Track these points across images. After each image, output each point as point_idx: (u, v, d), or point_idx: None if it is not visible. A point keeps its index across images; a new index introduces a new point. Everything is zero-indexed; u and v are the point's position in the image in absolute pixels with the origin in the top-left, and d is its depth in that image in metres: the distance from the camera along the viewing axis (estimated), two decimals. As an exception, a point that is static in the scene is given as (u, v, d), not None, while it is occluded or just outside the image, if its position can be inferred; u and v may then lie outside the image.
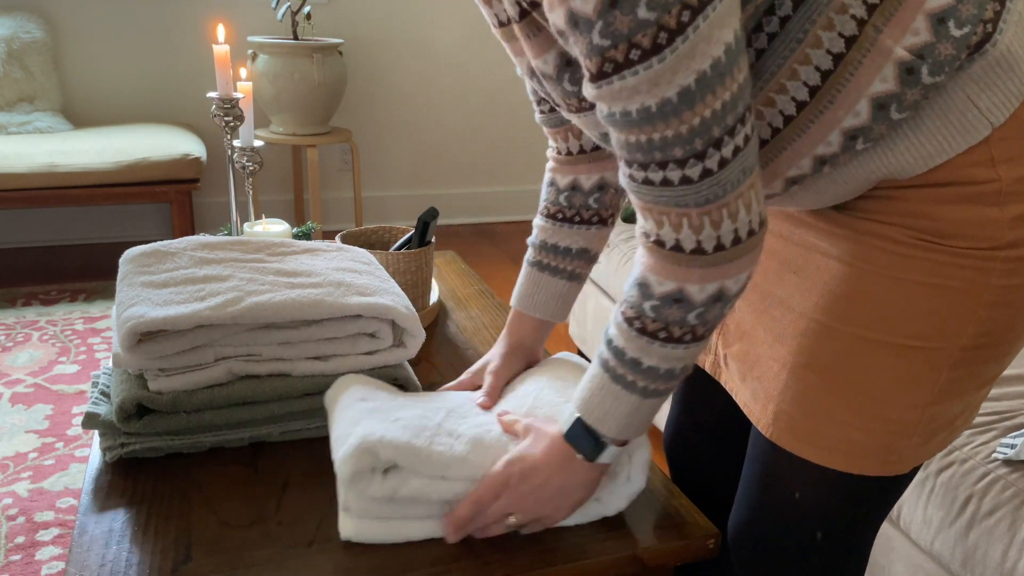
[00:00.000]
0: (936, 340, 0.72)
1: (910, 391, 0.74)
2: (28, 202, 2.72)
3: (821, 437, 0.78)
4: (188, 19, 3.32)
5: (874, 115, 0.66)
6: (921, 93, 0.65)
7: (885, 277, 0.72)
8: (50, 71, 3.10)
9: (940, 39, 0.63)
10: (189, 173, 2.84)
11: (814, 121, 0.68)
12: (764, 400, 0.82)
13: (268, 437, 0.96)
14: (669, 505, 0.88)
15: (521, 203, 3.97)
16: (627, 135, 0.63)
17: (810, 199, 0.76)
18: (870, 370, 0.74)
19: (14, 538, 1.60)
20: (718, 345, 0.92)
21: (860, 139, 0.68)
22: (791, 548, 0.84)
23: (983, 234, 0.69)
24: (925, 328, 0.72)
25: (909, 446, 0.76)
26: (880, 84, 0.65)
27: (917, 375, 0.73)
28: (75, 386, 2.20)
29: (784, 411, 0.79)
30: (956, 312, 0.71)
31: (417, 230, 1.31)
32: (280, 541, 0.80)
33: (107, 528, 0.81)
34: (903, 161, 0.69)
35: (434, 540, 0.80)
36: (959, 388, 0.75)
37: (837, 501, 0.81)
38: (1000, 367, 0.77)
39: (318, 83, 3.09)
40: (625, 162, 0.66)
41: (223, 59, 1.52)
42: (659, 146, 0.62)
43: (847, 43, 0.64)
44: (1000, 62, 0.66)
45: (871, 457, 0.77)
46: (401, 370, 1.01)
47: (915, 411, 0.75)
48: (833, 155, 0.69)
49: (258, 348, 0.96)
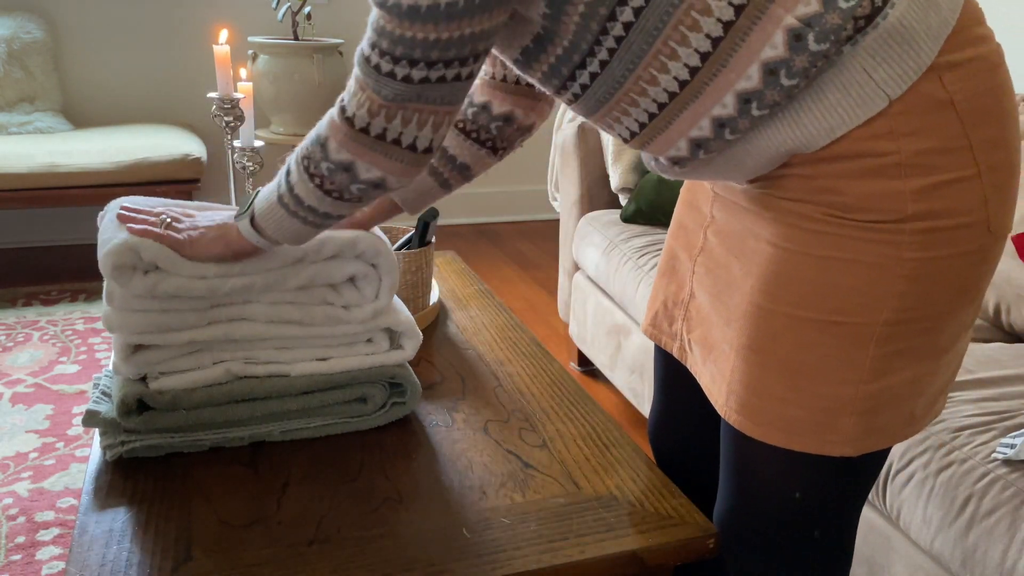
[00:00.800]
0: (858, 315, 0.74)
1: (840, 367, 0.76)
2: (28, 202, 2.72)
3: (763, 414, 0.80)
4: (189, 19, 3.32)
5: (765, 80, 0.69)
6: (809, 60, 0.68)
7: (806, 256, 0.75)
8: (50, 71, 3.10)
9: (828, 9, 0.66)
10: (189, 173, 2.84)
11: (708, 84, 0.71)
12: (720, 382, 0.85)
13: (268, 436, 0.96)
14: (669, 505, 0.88)
15: (521, 203, 3.97)
16: (387, 23, 0.71)
17: (730, 170, 0.78)
18: (801, 347, 0.77)
19: (14, 538, 1.61)
20: (683, 331, 0.95)
21: (755, 103, 0.70)
22: (770, 534, 0.86)
23: (887, 207, 0.71)
24: (846, 303, 0.74)
25: (848, 425, 0.78)
26: (770, 50, 0.68)
27: (845, 351, 0.75)
28: (75, 386, 2.20)
29: (734, 391, 0.82)
30: (873, 287, 0.73)
31: (417, 230, 1.31)
32: (280, 541, 0.80)
33: (107, 528, 0.81)
34: (807, 133, 0.71)
35: (434, 540, 0.80)
36: (893, 365, 0.76)
37: (802, 483, 0.83)
38: (935, 343, 0.78)
39: (318, 83, 3.09)
40: (369, 43, 0.74)
41: (223, 59, 1.52)
42: (407, 42, 0.70)
43: (736, 11, 0.68)
44: (893, 35, 0.68)
45: (809, 434, 0.79)
46: (401, 370, 1.02)
47: (847, 387, 0.77)
48: (731, 118, 0.72)
49: (255, 352, 0.96)
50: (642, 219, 2.17)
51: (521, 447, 0.98)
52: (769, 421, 0.80)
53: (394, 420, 1.02)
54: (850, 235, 0.72)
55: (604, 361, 2.18)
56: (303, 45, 3.06)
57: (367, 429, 1.01)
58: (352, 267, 0.97)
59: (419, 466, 0.94)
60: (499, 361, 1.20)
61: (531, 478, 0.92)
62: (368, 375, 0.99)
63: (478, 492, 0.89)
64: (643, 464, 0.96)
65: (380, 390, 1.00)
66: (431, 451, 0.97)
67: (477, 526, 0.84)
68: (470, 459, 0.95)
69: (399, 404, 1.02)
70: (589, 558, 0.79)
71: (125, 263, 0.88)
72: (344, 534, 0.81)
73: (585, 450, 0.98)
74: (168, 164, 2.80)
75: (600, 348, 2.19)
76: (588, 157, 2.32)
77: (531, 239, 3.70)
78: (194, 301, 0.92)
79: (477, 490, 0.89)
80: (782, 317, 0.77)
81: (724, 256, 0.86)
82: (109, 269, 0.88)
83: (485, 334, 1.30)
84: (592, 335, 2.24)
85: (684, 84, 0.72)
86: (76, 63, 3.25)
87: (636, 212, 2.16)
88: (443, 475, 0.92)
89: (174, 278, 0.89)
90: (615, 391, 2.32)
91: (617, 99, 0.76)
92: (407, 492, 0.89)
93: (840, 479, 0.83)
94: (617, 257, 2.06)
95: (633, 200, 2.17)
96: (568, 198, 2.41)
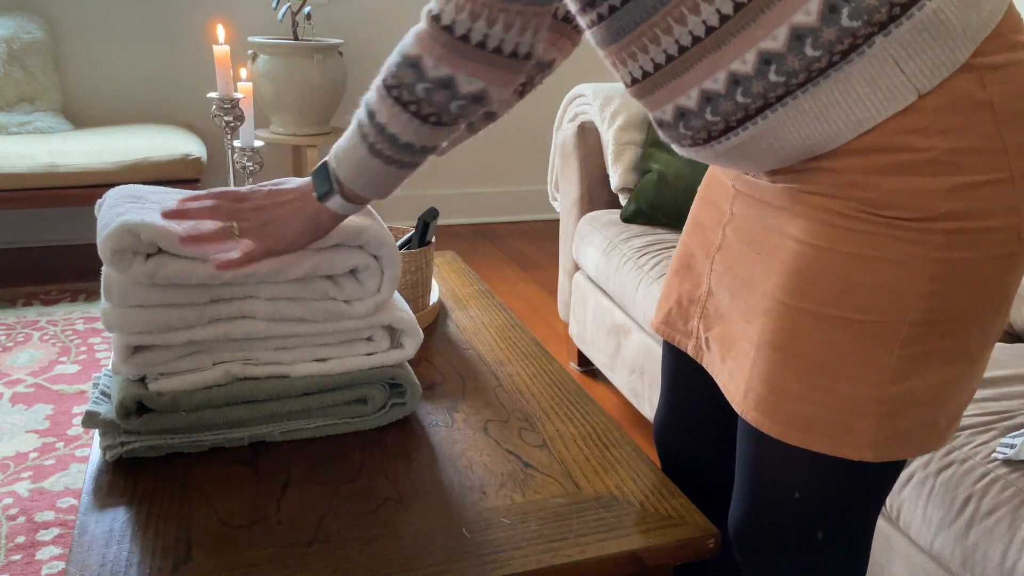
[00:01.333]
0: (882, 314, 0.73)
1: (862, 367, 0.75)
2: (28, 202, 2.72)
3: (781, 412, 0.79)
4: (188, 19, 3.32)
5: (790, 44, 0.69)
6: (837, 34, 0.67)
7: (832, 252, 0.74)
8: (50, 71, 3.10)
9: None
10: (189, 173, 2.84)
11: (734, 36, 0.71)
12: (738, 379, 0.84)
13: (268, 437, 0.96)
14: (668, 505, 0.88)
15: (521, 203, 3.97)
16: None
17: (757, 159, 0.77)
18: (823, 344, 0.76)
19: (14, 538, 1.61)
20: (699, 328, 0.94)
21: (773, 66, 0.70)
22: (784, 536, 0.85)
23: (917, 204, 0.70)
24: (870, 302, 0.73)
25: (866, 427, 0.76)
26: (803, 16, 0.67)
27: (867, 350, 0.74)
28: (75, 386, 2.20)
29: (753, 388, 0.81)
30: (899, 286, 0.72)
31: (417, 230, 1.31)
32: (280, 541, 0.80)
33: (107, 528, 0.81)
34: (835, 127, 0.71)
35: (434, 540, 0.80)
36: (917, 367, 0.75)
37: (817, 485, 0.82)
38: (961, 348, 0.76)
39: (318, 83, 3.09)
40: None
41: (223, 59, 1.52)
42: None
43: None
44: (928, 26, 0.67)
45: (826, 434, 0.78)
46: (401, 371, 1.02)
47: (868, 388, 0.75)
48: (747, 76, 0.71)
49: (255, 353, 0.96)
50: (642, 219, 2.17)
51: (521, 447, 0.98)
52: (787, 419, 0.79)
53: (394, 420, 1.02)
54: (879, 232, 0.71)
55: (604, 361, 2.18)
56: (303, 45, 3.06)
57: (367, 429, 1.01)
58: (354, 258, 0.97)
59: (419, 466, 0.94)
60: (499, 361, 1.20)
61: (531, 478, 0.92)
62: (368, 376, 0.99)
63: (478, 492, 0.89)
64: (643, 464, 0.96)
65: (380, 391, 1.00)
66: (431, 451, 0.97)
67: (477, 526, 0.84)
68: (470, 459, 0.95)
69: (399, 405, 1.02)
70: (589, 558, 0.79)
71: (125, 247, 0.87)
72: (344, 534, 0.81)
73: (585, 450, 0.98)
74: (168, 164, 2.80)
75: (600, 348, 2.19)
76: (588, 157, 2.32)
77: (531, 239, 3.70)
78: (194, 295, 0.91)
79: (477, 490, 0.89)
80: (805, 314, 0.76)
81: (744, 253, 0.85)
82: (109, 254, 0.87)
83: (485, 334, 1.30)
84: (592, 335, 2.24)
85: (710, 31, 0.71)
86: (76, 63, 3.25)
87: (636, 212, 2.16)
88: (443, 475, 0.92)
89: (175, 263, 0.89)
90: (615, 391, 2.32)
91: (641, 31, 0.75)
92: (407, 492, 0.89)
93: (856, 484, 0.81)
94: (617, 257, 2.06)
95: (633, 200, 2.17)
96: (568, 198, 2.41)
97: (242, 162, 1.58)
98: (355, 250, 0.96)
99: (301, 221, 0.91)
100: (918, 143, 0.69)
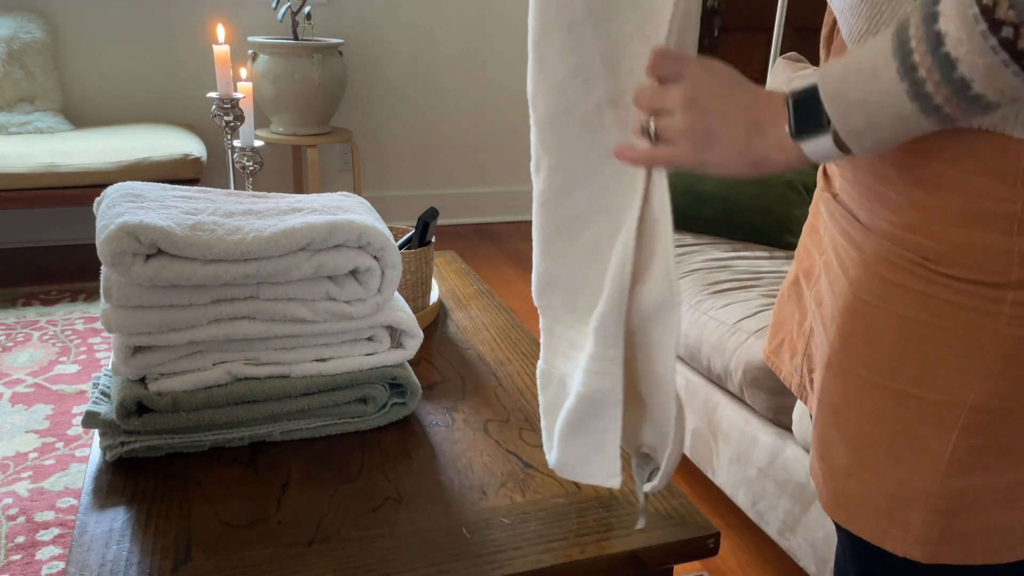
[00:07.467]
0: (939, 391, 0.63)
1: (914, 450, 0.65)
2: (28, 202, 2.72)
3: (829, 483, 0.72)
4: (188, 19, 3.32)
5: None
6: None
7: (886, 313, 0.64)
8: (50, 71, 3.10)
9: None
10: (189, 173, 2.84)
11: None
12: None
13: (268, 437, 0.96)
14: (669, 504, 0.88)
15: (521, 203, 3.97)
16: None
17: None
18: (872, 417, 0.67)
19: (14, 538, 1.61)
20: (804, 367, 0.84)
21: None
22: None
23: (988, 265, 0.59)
24: (927, 375, 0.63)
25: (917, 521, 0.66)
26: None
27: (922, 432, 0.64)
28: (75, 386, 2.20)
29: (813, 447, 0.74)
30: (961, 361, 0.61)
31: (417, 230, 1.31)
32: (280, 541, 0.80)
33: (107, 528, 0.81)
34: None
35: (434, 540, 0.80)
36: (982, 462, 0.64)
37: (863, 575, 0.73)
38: None
39: (318, 83, 3.09)
40: None
41: (223, 59, 1.52)
42: None
43: None
44: None
45: (869, 519, 0.68)
46: (401, 371, 1.02)
47: (921, 476, 0.65)
48: None
49: (256, 353, 0.96)
50: (642, 219, 2.17)
51: (521, 447, 0.98)
52: (832, 493, 0.70)
53: (394, 420, 1.02)
54: (939, 296, 0.61)
55: (604, 361, 2.17)
56: (303, 45, 3.06)
57: (367, 429, 1.01)
58: (356, 259, 0.97)
59: (419, 466, 0.94)
60: (499, 361, 1.20)
61: (531, 478, 0.92)
62: (368, 376, 0.99)
63: (478, 492, 0.89)
64: (643, 464, 0.96)
65: (380, 391, 1.00)
66: (431, 451, 0.97)
67: (477, 526, 0.84)
68: (470, 459, 0.95)
69: (399, 405, 1.02)
70: (589, 558, 0.79)
71: (125, 249, 0.87)
72: (344, 534, 0.81)
73: (585, 450, 0.98)
74: (168, 164, 2.80)
75: (600, 348, 2.19)
76: (588, 157, 2.31)
77: (531, 239, 3.71)
78: (195, 296, 0.92)
79: (477, 490, 0.89)
80: (855, 378, 0.67)
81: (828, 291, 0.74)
82: (108, 256, 0.86)
83: (485, 334, 1.30)
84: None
85: None
86: (76, 63, 3.25)
87: (636, 212, 2.16)
88: (443, 475, 0.92)
89: (176, 264, 0.88)
90: (615, 391, 2.32)
91: None
92: (407, 492, 0.89)
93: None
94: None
95: (633, 200, 2.16)
96: (568, 198, 2.41)
97: (242, 162, 1.58)
98: (356, 251, 0.97)
99: (738, 151, 0.63)
100: (999, 191, 0.58)
